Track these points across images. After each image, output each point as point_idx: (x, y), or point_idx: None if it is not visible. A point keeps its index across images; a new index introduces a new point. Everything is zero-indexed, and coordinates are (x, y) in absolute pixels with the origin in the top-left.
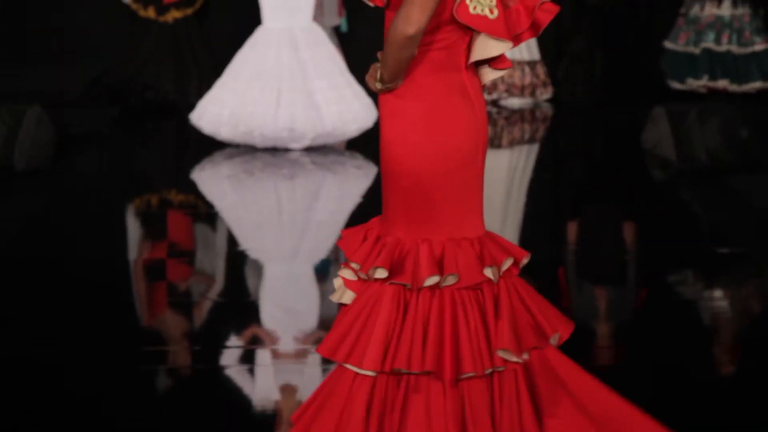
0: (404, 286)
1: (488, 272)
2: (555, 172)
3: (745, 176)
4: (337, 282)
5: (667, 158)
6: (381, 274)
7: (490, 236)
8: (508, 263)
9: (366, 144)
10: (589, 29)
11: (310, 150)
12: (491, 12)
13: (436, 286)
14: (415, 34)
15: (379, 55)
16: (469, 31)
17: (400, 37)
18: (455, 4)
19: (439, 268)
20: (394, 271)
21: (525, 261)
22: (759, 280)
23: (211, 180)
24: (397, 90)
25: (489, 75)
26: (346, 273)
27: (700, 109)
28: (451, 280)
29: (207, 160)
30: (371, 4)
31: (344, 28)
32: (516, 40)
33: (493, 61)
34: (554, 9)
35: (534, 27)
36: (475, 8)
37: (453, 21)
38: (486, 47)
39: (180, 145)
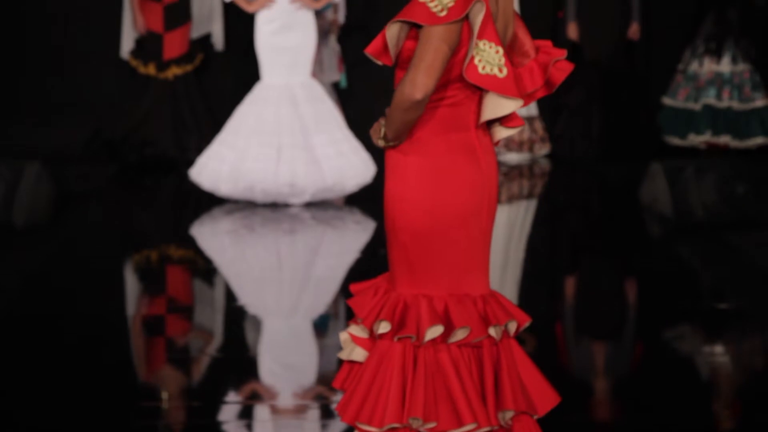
0: (410, 339)
1: (492, 331)
2: (553, 228)
3: (742, 232)
4: (344, 336)
5: (665, 214)
6: (384, 328)
7: (494, 296)
8: (512, 326)
9: (365, 199)
10: (587, 84)
11: (309, 205)
12: (500, 71)
13: (443, 340)
14: (422, 98)
15: (386, 110)
16: (478, 90)
17: (406, 101)
18: (464, 64)
19: (446, 322)
20: (398, 325)
21: (526, 325)
22: (757, 336)
23: (211, 235)
24: (402, 146)
25: (501, 133)
26: (355, 330)
27: (698, 164)
28: (461, 335)
29: (206, 216)
30: (379, 63)
31: (343, 83)
32: (530, 98)
33: (504, 120)
34: (568, 67)
35: (548, 85)
36: (484, 68)
37: (461, 79)
38: (497, 106)
39: (179, 201)
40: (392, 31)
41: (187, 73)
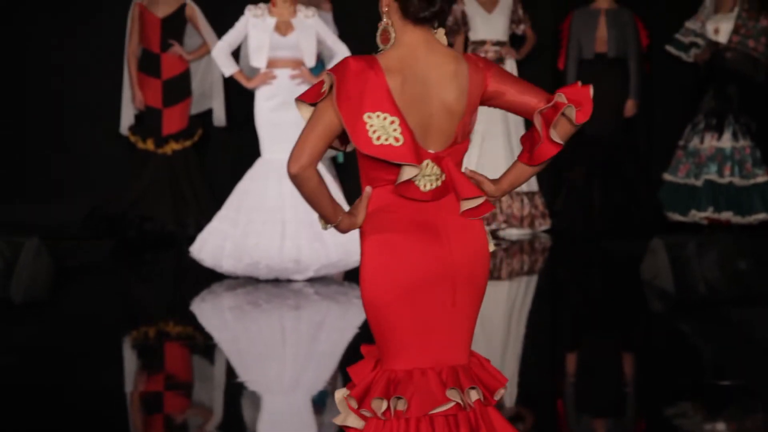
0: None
1: (457, 397)
2: (554, 303)
3: (744, 308)
4: (339, 396)
5: (666, 289)
6: (353, 403)
7: (472, 363)
8: (472, 393)
9: None
10: (588, 160)
11: (312, 280)
12: (396, 140)
13: (403, 414)
14: (296, 173)
15: None
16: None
17: (290, 177)
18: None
19: (392, 394)
20: (363, 401)
21: (502, 391)
22: (759, 413)
23: (212, 312)
24: (362, 225)
25: (462, 205)
26: (352, 402)
27: (699, 240)
28: (401, 405)
29: (206, 292)
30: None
31: (341, 159)
32: (539, 156)
33: (461, 193)
34: (586, 111)
35: (563, 129)
36: (378, 138)
37: None
38: (402, 172)
39: (178, 276)
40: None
41: (186, 148)
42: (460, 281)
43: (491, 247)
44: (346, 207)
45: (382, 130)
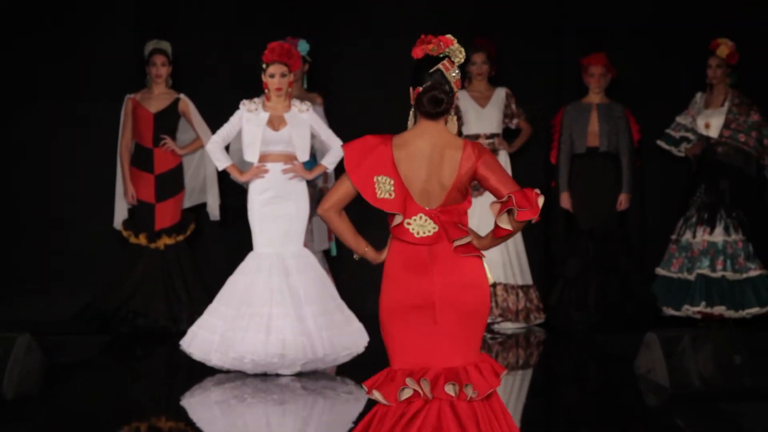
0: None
1: (450, 390)
2: (549, 398)
3: (739, 402)
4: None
5: (661, 384)
6: (365, 389)
7: (459, 367)
8: (449, 388)
9: (357, 369)
10: (582, 254)
11: (300, 375)
12: (390, 195)
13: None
14: (321, 214)
15: None
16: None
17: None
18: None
19: (391, 387)
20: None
21: (490, 391)
22: None
23: (201, 406)
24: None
25: (455, 244)
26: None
27: (694, 334)
28: (377, 395)
29: (197, 387)
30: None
31: (334, 252)
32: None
33: (451, 236)
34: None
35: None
36: (381, 194)
37: None
38: (395, 218)
39: (170, 371)
40: None
41: (179, 242)
42: (441, 307)
43: (490, 280)
44: (340, 300)
45: (383, 187)
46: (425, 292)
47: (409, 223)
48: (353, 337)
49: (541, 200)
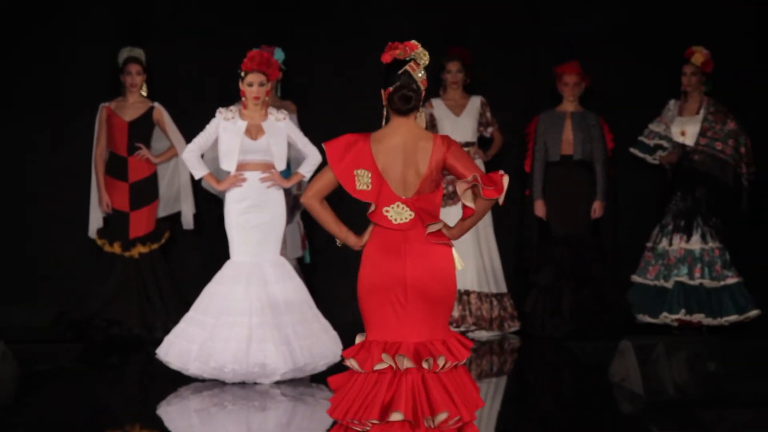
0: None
1: (425, 364)
2: (522, 406)
3: (714, 410)
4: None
5: (635, 392)
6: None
7: (436, 341)
8: (426, 363)
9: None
10: (556, 261)
11: (279, 382)
12: (367, 186)
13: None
14: (303, 202)
15: None
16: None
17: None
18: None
19: (366, 357)
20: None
21: (463, 360)
22: None
23: (179, 414)
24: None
25: (427, 229)
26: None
27: (668, 342)
28: (353, 364)
29: (173, 395)
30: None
31: (307, 259)
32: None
33: (424, 221)
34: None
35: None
36: (359, 185)
37: None
38: (370, 206)
39: (145, 380)
40: None
41: (153, 251)
42: (411, 290)
43: (458, 266)
44: (316, 309)
45: (361, 180)
46: (398, 274)
47: (387, 211)
48: (330, 345)
49: (506, 180)
